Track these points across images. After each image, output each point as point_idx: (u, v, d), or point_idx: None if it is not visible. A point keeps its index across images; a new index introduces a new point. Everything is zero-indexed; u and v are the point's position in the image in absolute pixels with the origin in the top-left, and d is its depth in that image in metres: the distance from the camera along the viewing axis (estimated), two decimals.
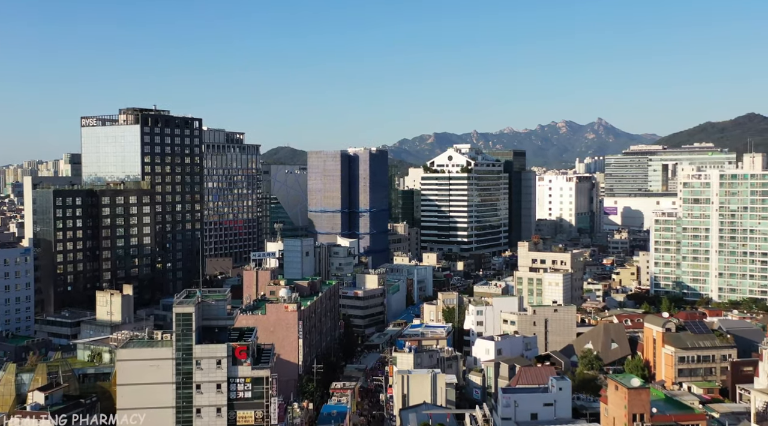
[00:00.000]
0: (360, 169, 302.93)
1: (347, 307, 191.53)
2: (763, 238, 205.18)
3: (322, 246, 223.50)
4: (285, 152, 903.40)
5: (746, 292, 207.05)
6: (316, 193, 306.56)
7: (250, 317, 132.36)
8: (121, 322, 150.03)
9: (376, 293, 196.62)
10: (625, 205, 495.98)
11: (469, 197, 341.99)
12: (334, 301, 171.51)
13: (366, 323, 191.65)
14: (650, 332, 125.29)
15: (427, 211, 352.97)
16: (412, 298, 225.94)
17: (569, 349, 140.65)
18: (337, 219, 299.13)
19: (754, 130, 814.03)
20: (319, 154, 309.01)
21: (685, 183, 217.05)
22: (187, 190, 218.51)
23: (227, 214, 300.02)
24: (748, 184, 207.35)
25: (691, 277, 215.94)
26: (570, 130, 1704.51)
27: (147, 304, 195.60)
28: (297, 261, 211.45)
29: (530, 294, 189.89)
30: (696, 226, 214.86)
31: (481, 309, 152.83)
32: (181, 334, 77.15)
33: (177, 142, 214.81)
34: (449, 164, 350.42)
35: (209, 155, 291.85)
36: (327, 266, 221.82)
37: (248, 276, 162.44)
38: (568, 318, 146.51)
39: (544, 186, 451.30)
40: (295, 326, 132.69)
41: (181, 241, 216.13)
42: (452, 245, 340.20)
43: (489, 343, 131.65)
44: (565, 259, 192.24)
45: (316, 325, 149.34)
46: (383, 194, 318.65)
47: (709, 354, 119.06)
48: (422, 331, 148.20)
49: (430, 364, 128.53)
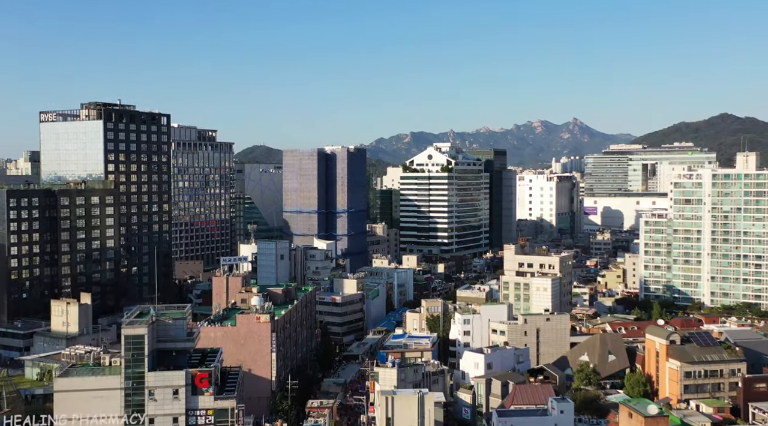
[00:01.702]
0: (337, 168, 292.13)
1: (324, 313, 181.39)
2: (757, 240, 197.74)
3: (297, 249, 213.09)
4: (260, 151, 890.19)
5: (739, 297, 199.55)
6: (291, 192, 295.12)
7: (219, 329, 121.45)
8: (78, 333, 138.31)
9: (355, 299, 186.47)
10: (605, 205, 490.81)
11: (449, 197, 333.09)
12: (311, 309, 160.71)
13: (344, 331, 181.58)
14: (652, 344, 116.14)
15: (407, 212, 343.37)
16: (392, 303, 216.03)
17: (563, 361, 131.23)
18: (314, 220, 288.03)
19: (728, 130, 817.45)
20: (295, 152, 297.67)
21: (676, 183, 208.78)
22: (154, 190, 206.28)
23: (199, 214, 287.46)
24: (742, 184, 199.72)
25: (683, 281, 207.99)
26: (546, 130, 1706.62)
27: (111, 311, 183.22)
28: (271, 265, 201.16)
29: (517, 299, 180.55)
30: (687, 228, 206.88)
31: (467, 318, 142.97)
32: (132, 359, 66.15)
33: (143, 138, 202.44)
34: (429, 163, 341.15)
35: (180, 153, 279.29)
36: (303, 270, 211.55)
37: (218, 283, 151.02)
38: (561, 327, 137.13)
39: (525, 186, 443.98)
40: (267, 339, 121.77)
41: (148, 243, 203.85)
42: (432, 246, 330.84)
43: (478, 357, 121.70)
44: (553, 262, 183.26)
45: (291, 335, 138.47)
46: (361, 194, 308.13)
47: (717, 368, 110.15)
48: (405, 342, 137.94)
49: (414, 379, 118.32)
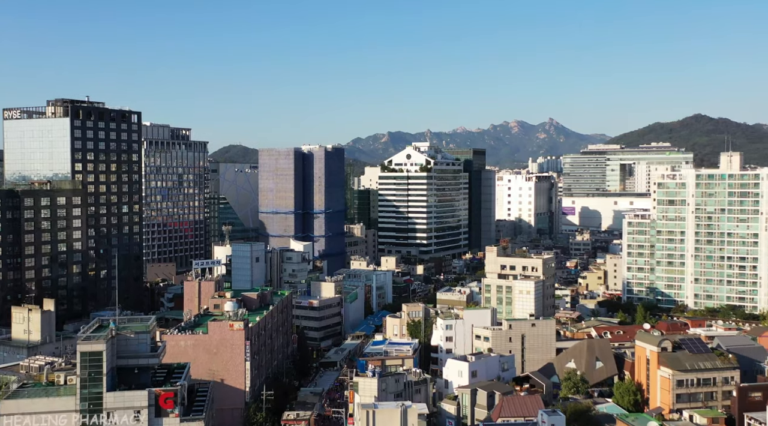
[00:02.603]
0: (315, 168, 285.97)
1: (301, 318, 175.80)
2: (741, 241, 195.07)
3: (273, 251, 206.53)
4: (236, 150, 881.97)
5: (723, 299, 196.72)
6: (267, 193, 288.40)
7: (189, 337, 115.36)
8: (41, 341, 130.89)
9: (333, 303, 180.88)
10: (583, 205, 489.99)
11: (428, 197, 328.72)
12: (287, 314, 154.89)
13: (322, 336, 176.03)
14: (643, 352, 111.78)
15: (385, 212, 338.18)
16: (370, 307, 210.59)
17: (549, 368, 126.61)
18: (291, 221, 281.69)
19: (701, 131, 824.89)
20: (271, 151, 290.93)
21: (659, 183, 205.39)
22: (124, 190, 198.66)
23: (172, 215, 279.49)
24: (726, 184, 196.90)
25: (666, 283, 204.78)
26: (522, 130, 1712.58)
27: (77, 316, 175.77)
28: (246, 268, 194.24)
29: (499, 303, 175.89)
30: (671, 229, 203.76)
31: (450, 323, 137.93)
32: (89, 378, 59.94)
33: (113, 137, 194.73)
34: (408, 163, 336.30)
35: (152, 152, 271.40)
36: (279, 273, 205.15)
37: (189, 287, 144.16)
38: (546, 333, 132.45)
39: (503, 186, 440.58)
40: (241, 347, 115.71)
41: (118, 245, 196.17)
42: (411, 247, 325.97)
43: (462, 365, 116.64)
44: (536, 264, 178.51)
45: (267, 342, 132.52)
46: (339, 194, 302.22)
47: (710, 376, 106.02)
48: (386, 349, 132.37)
49: (396, 389, 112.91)
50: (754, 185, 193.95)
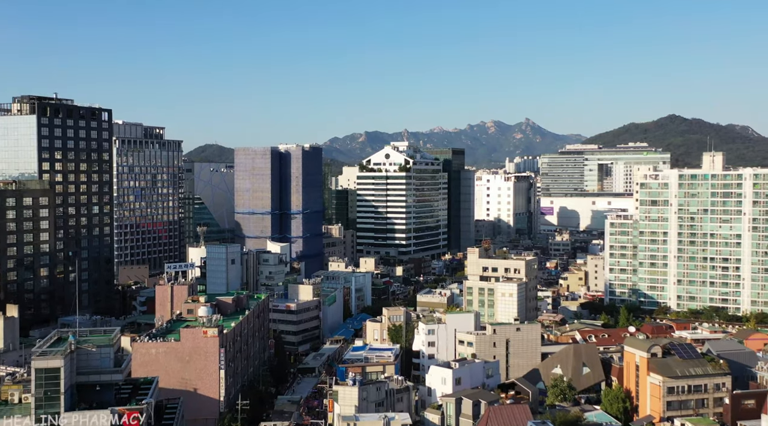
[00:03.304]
0: (292, 168, 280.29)
1: (278, 321, 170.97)
2: (723, 242, 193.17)
3: (250, 253, 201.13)
4: (212, 150, 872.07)
5: (706, 301, 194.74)
6: (243, 193, 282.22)
7: (161, 345, 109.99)
8: (4, 349, 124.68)
9: (311, 306, 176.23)
10: (562, 205, 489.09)
11: (407, 197, 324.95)
12: (264, 319, 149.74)
13: (300, 340, 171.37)
14: (632, 357, 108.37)
15: (363, 212, 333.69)
16: (349, 310, 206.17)
17: (534, 374, 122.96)
18: (267, 221, 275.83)
19: (675, 131, 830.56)
20: (247, 150, 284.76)
21: (641, 183, 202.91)
22: (94, 190, 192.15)
23: (146, 216, 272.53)
24: (709, 185, 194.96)
25: (648, 284, 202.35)
26: (498, 130, 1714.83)
27: (45, 321, 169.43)
28: (221, 270, 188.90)
29: (481, 305, 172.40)
30: (653, 230, 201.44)
31: (432, 328, 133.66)
32: (44, 397, 54.62)
33: (82, 135, 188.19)
34: (386, 163, 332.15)
35: (125, 151, 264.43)
36: (256, 275, 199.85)
37: (161, 292, 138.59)
38: (531, 337, 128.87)
39: (482, 186, 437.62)
40: (215, 354, 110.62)
41: (88, 248, 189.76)
42: (390, 248, 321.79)
43: (446, 372, 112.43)
44: (518, 266, 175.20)
45: (242, 349, 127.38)
46: (317, 194, 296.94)
47: (701, 383, 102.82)
48: (366, 355, 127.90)
49: (377, 398, 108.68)
50: (736, 185, 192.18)
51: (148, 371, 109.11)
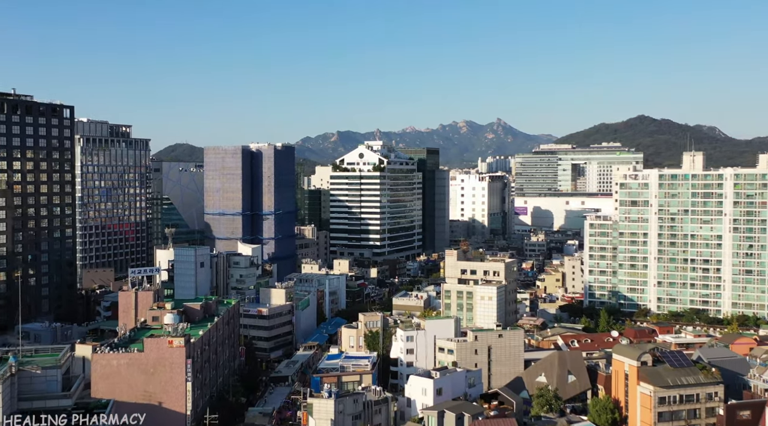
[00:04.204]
0: (264, 167, 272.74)
1: (249, 327, 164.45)
2: (704, 243, 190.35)
3: (220, 255, 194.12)
4: (183, 149, 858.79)
5: (687, 303, 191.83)
6: (213, 193, 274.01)
7: (123, 356, 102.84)
8: None
9: (284, 310, 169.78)
10: (535, 205, 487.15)
11: (381, 197, 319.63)
12: (234, 325, 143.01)
13: (272, 346, 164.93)
14: (621, 366, 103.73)
15: (337, 213, 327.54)
16: (323, 313, 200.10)
17: (518, 382, 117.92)
18: (238, 222, 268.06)
19: (645, 132, 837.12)
20: (217, 149, 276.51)
21: (621, 183, 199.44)
22: (56, 190, 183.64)
23: (112, 217, 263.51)
24: (689, 185, 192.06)
25: (628, 286, 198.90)
26: (470, 130, 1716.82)
27: (3, 328, 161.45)
28: (190, 274, 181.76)
29: (459, 309, 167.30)
30: (633, 231, 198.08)
31: (411, 334, 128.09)
32: None
33: (42, 132, 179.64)
34: (360, 162, 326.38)
35: (89, 150, 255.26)
36: (226, 279, 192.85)
37: (125, 298, 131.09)
38: (514, 344, 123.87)
39: (456, 186, 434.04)
40: (182, 366, 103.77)
41: (48, 250, 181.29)
42: (364, 249, 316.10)
43: (426, 382, 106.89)
44: (498, 269, 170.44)
45: (211, 358, 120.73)
46: (289, 195, 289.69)
47: (693, 393, 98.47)
48: (342, 364, 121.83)
49: (354, 411, 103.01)
50: (717, 186, 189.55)
51: (109, 384, 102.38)
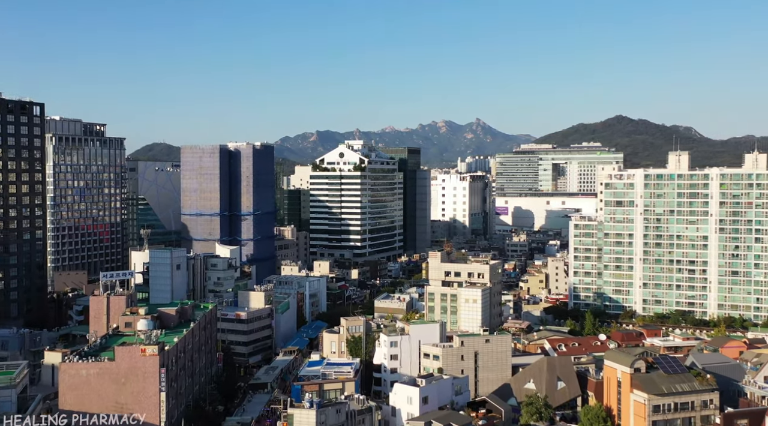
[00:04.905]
0: (242, 167, 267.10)
1: (227, 331, 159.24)
2: (690, 244, 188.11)
3: (197, 257, 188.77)
4: (160, 148, 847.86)
5: (672, 304, 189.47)
6: (190, 193, 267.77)
7: (93, 365, 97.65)
8: None
9: (263, 314, 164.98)
10: (516, 205, 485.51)
11: (362, 197, 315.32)
12: (211, 331, 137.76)
13: (251, 351, 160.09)
14: (613, 373, 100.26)
15: (317, 213, 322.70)
16: (303, 316, 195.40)
17: (506, 389, 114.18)
18: (216, 223, 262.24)
19: (623, 132, 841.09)
20: (195, 149, 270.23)
21: (606, 184, 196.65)
22: (25, 190, 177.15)
23: (86, 217, 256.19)
24: (675, 185, 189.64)
25: (614, 288, 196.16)
26: (450, 130, 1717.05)
27: None
28: (166, 276, 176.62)
29: (443, 312, 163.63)
30: (619, 232, 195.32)
31: (395, 339, 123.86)
32: None
33: (11, 130, 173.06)
34: (341, 162, 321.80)
35: (62, 149, 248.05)
36: (203, 281, 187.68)
37: (96, 303, 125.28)
38: (502, 349, 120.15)
39: (437, 185, 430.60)
40: (155, 375, 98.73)
41: (18, 252, 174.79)
42: (344, 250, 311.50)
43: (412, 390, 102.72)
44: (482, 271, 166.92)
45: (187, 365, 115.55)
46: (269, 195, 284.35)
47: (688, 400, 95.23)
48: (323, 371, 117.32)
49: (337, 421, 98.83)
50: (703, 186, 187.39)
51: (77, 395, 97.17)
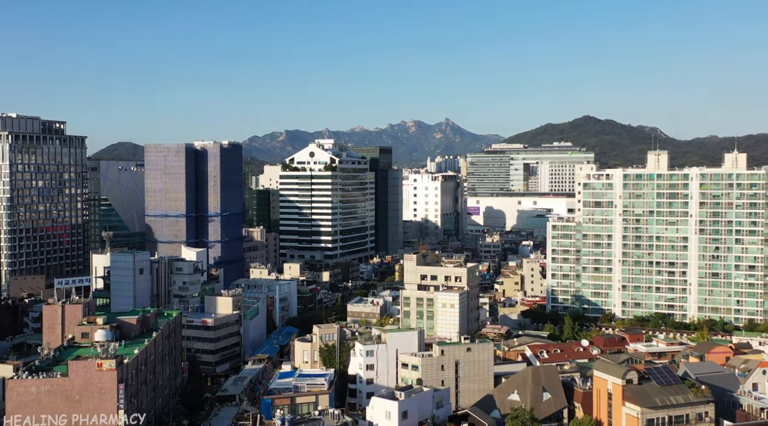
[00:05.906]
0: (209, 166, 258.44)
1: (193, 339, 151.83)
2: (670, 245, 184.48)
3: (161, 261, 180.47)
4: (126, 148, 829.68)
5: (652, 307, 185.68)
6: (155, 193, 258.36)
7: (44, 382, 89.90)
8: None
9: (231, 320, 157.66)
10: (488, 205, 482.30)
11: (333, 198, 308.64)
12: (175, 340, 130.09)
13: (218, 359, 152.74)
14: (603, 384, 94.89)
15: (287, 214, 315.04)
16: (273, 322, 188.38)
17: (488, 401, 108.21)
18: (182, 224, 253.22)
19: (590, 132, 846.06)
20: (159, 147, 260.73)
21: (585, 183, 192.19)
22: None
23: (44, 219, 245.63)
24: (654, 185, 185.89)
25: (592, 290, 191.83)
26: (419, 130, 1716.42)
27: None
28: (128, 281, 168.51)
29: (419, 317, 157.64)
30: (597, 233, 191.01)
31: (371, 348, 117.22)
32: None
33: None
34: (311, 161, 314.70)
35: (18, 148, 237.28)
36: (168, 286, 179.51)
37: (50, 313, 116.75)
38: (484, 359, 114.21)
39: (409, 185, 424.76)
40: (113, 392, 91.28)
41: None
42: (315, 252, 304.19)
43: (391, 404, 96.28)
44: (460, 274, 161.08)
45: (149, 379, 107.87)
46: (237, 195, 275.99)
47: (683, 413, 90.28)
48: (295, 383, 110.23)
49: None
50: (683, 186, 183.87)
51: (27, 414, 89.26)
